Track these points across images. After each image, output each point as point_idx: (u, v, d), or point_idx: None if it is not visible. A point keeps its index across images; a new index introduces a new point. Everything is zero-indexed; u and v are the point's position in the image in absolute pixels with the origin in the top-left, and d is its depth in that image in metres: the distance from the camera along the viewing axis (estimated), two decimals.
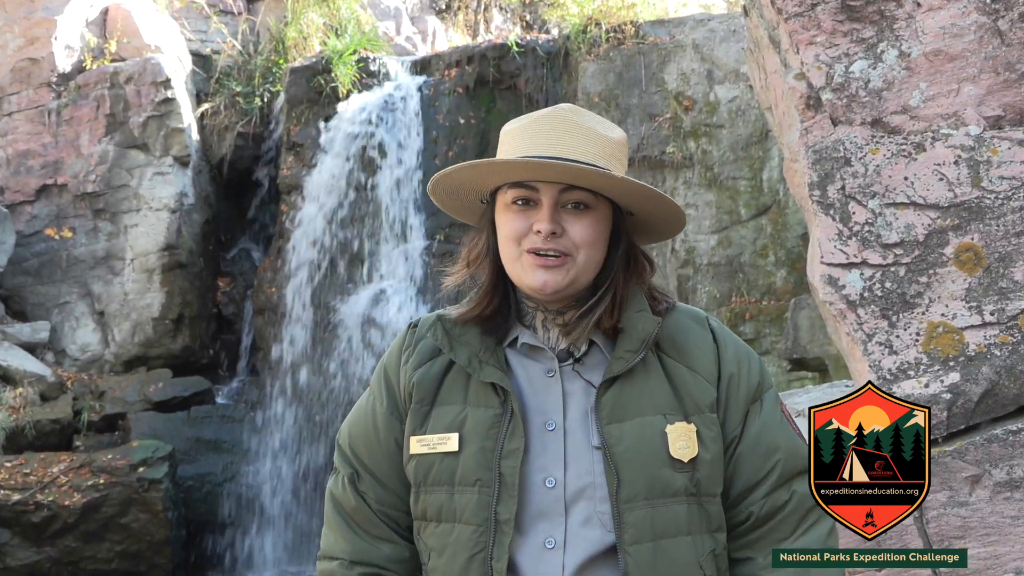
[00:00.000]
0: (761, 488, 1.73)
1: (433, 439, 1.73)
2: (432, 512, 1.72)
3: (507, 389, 1.70)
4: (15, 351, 8.96)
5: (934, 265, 2.53)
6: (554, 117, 1.76)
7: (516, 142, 1.75)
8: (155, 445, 8.25)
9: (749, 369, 1.79)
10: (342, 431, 1.89)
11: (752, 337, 8.13)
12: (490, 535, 1.65)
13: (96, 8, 10.41)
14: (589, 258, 1.72)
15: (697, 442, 1.68)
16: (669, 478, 1.66)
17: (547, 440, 1.69)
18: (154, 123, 9.88)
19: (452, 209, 1.90)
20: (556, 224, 1.70)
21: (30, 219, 9.90)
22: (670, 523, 1.65)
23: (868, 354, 2.53)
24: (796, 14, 2.73)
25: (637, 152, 8.93)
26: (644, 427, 1.67)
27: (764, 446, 1.74)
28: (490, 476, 1.67)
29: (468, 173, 1.77)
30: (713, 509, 1.70)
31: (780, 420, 1.78)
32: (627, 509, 1.64)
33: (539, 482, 1.67)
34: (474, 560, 1.65)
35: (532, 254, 1.70)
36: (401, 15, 12.38)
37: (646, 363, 1.72)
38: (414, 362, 1.80)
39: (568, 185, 1.70)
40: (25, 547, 7.89)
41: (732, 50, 8.93)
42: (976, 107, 2.62)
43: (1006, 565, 2.40)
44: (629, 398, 1.70)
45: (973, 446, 2.45)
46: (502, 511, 1.65)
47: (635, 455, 1.65)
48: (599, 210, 1.73)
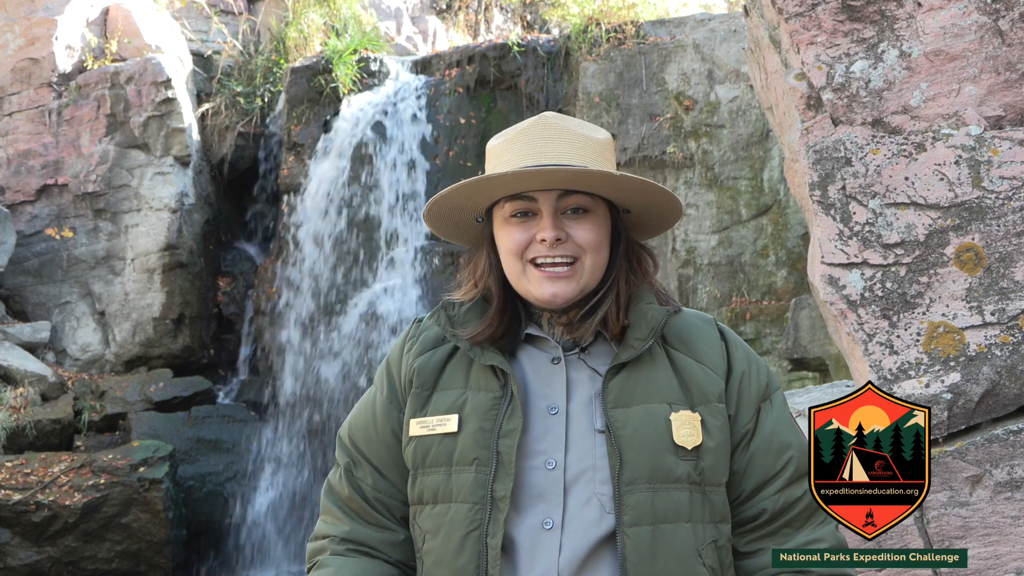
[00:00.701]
0: (775, 483, 1.74)
1: (433, 421, 1.75)
2: (429, 494, 1.74)
3: (507, 372, 1.73)
4: (16, 351, 8.96)
5: (935, 265, 2.53)
6: (540, 125, 1.77)
7: (506, 155, 1.76)
8: (155, 445, 8.25)
9: (758, 369, 1.82)
10: (344, 424, 1.93)
11: (753, 337, 8.13)
12: (486, 512, 1.67)
13: (97, 8, 10.41)
14: (595, 261, 1.74)
15: (702, 431, 1.70)
16: (672, 464, 1.67)
17: (549, 423, 1.71)
18: (155, 123, 9.89)
19: (446, 232, 1.91)
20: (560, 230, 1.71)
21: (31, 219, 9.91)
22: (671, 509, 1.66)
23: (869, 354, 2.53)
24: (797, 14, 2.73)
25: (638, 152, 8.93)
26: (649, 413, 1.69)
27: (778, 443, 1.76)
28: (487, 455, 1.69)
29: (464, 192, 1.78)
30: (717, 499, 1.71)
31: (791, 419, 1.81)
32: (628, 491, 1.65)
33: (539, 464, 1.69)
34: (469, 538, 1.67)
35: (538, 266, 1.72)
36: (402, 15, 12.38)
37: (653, 355, 1.75)
38: (416, 350, 1.84)
39: (565, 191, 1.72)
40: (26, 547, 7.90)
41: (733, 50, 8.93)
42: (977, 107, 2.62)
43: (1007, 565, 2.40)
44: (636, 385, 1.72)
45: (974, 446, 2.44)
46: (498, 488, 1.67)
47: (639, 439, 1.67)
48: (598, 212, 1.75)
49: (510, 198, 1.75)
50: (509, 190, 1.74)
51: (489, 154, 1.82)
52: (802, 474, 1.74)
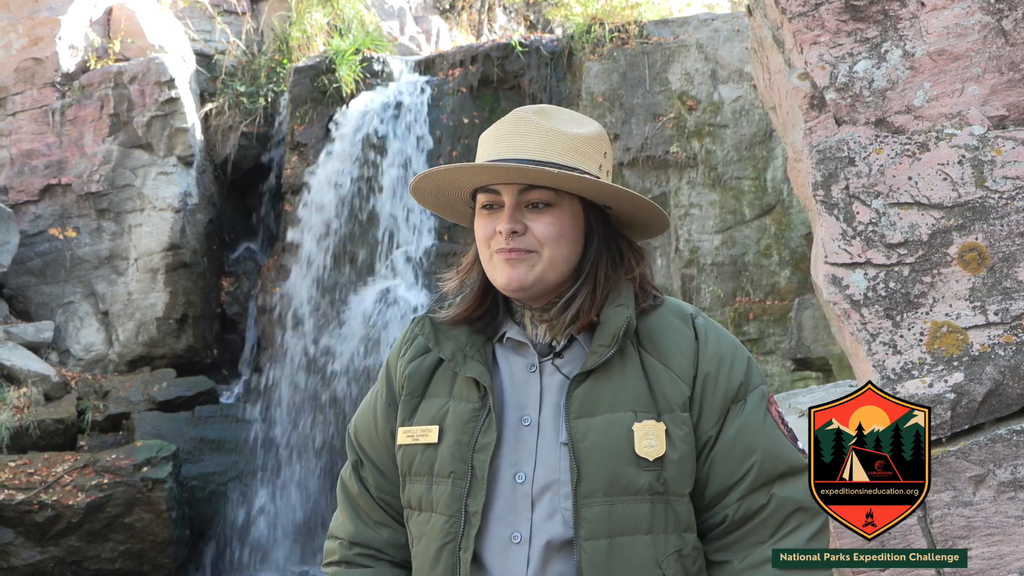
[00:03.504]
0: (736, 491, 1.71)
1: (417, 431, 1.78)
2: (415, 501, 1.77)
3: (487, 385, 1.73)
4: (19, 351, 8.97)
5: (938, 265, 2.53)
6: (515, 120, 1.77)
7: (483, 147, 1.80)
8: (159, 445, 8.26)
9: (732, 368, 1.75)
10: (351, 421, 1.97)
11: (756, 337, 8.13)
12: (459, 526, 1.68)
13: (100, 8, 10.42)
14: (555, 254, 1.72)
15: (665, 441, 1.67)
16: (632, 476, 1.65)
17: (522, 435, 1.72)
18: (158, 123, 9.90)
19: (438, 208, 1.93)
20: (516, 223, 1.72)
21: (34, 219, 9.92)
22: (628, 521, 1.65)
23: (872, 354, 2.52)
24: (800, 14, 2.73)
25: (641, 152, 8.92)
26: (612, 423, 1.68)
27: (741, 448, 1.71)
28: (463, 469, 1.70)
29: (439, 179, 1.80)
30: (682, 509, 1.69)
31: (763, 421, 1.74)
32: (585, 504, 1.64)
33: (510, 477, 1.69)
34: (444, 550, 1.69)
35: (499, 253, 1.73)
36: (405, 15, 12.38)
37: (624, 358, 1.72)
38: (409, 355, 1.86)
39: (528, 185, 1.72)
40: (29, 547, 7.90)
41: (736, 50, 8.93)
42: (980, 107, 2.62)
43: (1010, 565, 2.40)
44: (602, 393, 1.70)
45: (977, 446, 2.44)
46: (471, 503, 1.68)
47: (599, 451, 1.66)
48: (562, 206, 1.74)
49: (481, 190, 1.77)
50: (473, 183, 1.77)
51: (478, 145, 1.84)
52: (767, 480, 1.70)
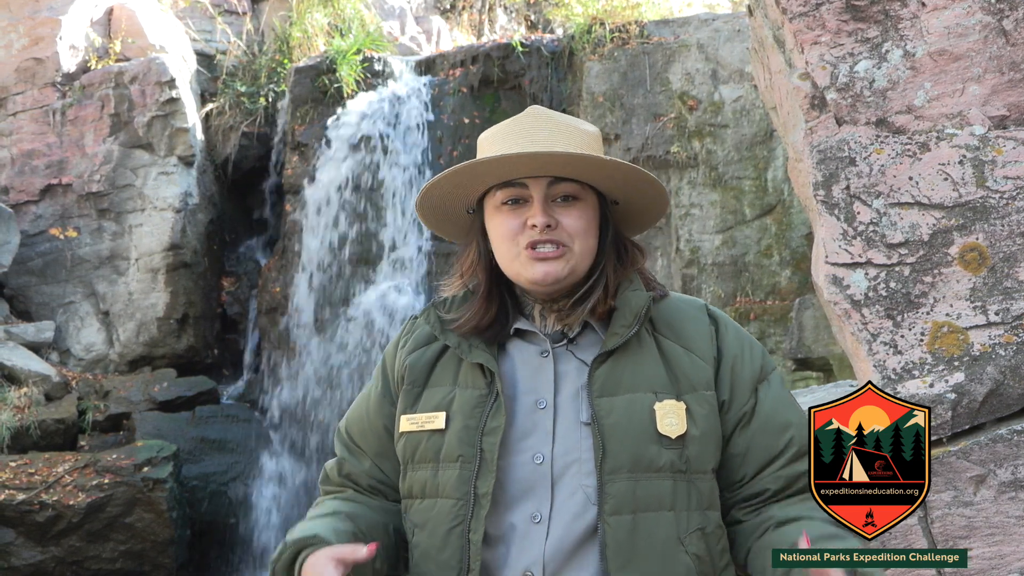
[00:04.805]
0: (777, 462, 1.76)
1: (421, 418, 1.79)
2: (417, 489, 1.78)
3: (493, 370, 1.75)
4: (20, 351, 8.97)
5: (939, 265, 2.53)
6: (530, 116, 1.81)
7: (497, 144, 1.79)
8: (159, 445, 8.25)
9: (752, 351, 1.83)
10: (342, 419, 1.99)
11: (757, 337, 8.12)
12: (468, 508, 1.70)
13: (100, 8, 10.43)
14: (584, 247, 1.77)
15: (687, 419, 1.71)
16: (655, 454, 1.68)
17: (537, 418, 1.74)
18: (159, 123, 9.90)
19: (436, 224, 1.94)
20: (550, 217, 1.74)
21: (35, 219, 9.92)
22: (652, 497, 1.67)
23: (872, 354, 2.52)
24: (800, 14, 2.73)
25: (641, 152, 8.92)
26: (633, 403, 1.71)
27: (778, 422, 1.77)
28: (472, 452, 1.71)
29: (456, 178, 1.80)
30: (704, 487, 1.72)
31: (789, 397, 1.83)
32: (610, 480, 1.66)
33: (527, 459, 1.71)
34: (452, 532, 1.70)
35: (530, 248, 1.74)
36: (405, 15, 12.38)
37: (641, 341, 1.77)
38: (409, 347, 1.89)
39: (555, 178, 1.75)
40: (29, 547, 7.90)
41: (736, 50, 8.92)
42: (981, 107, 2.62)
43: (1011, 565, 2.40)
44: (622, 374, 1.73)
45: (978, 446, 2.44)
46: (481, 485, 1.70)
47: (622, 428, 1.69)
48: (587, 200, 1.79)
49: (501, 186, 1.78)
50: (501, 176, 1.77)
51: (480, 145, 1.85)
52: (804, 451, 1.75)
